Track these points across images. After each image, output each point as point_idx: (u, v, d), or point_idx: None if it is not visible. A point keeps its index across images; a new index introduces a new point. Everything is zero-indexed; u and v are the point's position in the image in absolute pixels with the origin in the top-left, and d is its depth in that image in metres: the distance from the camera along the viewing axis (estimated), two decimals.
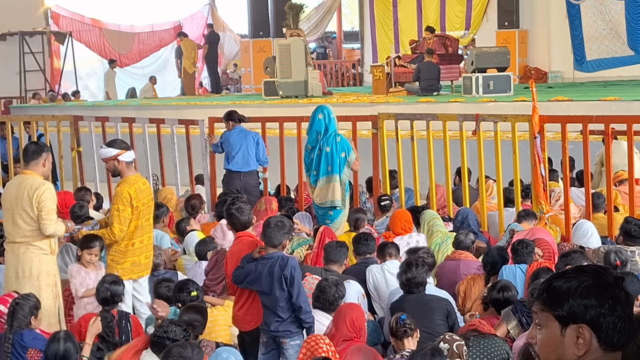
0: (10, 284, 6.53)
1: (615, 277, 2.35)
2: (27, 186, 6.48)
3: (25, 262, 6.50)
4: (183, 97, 22.57)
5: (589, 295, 2.30)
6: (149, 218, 7.14)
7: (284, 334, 5.78)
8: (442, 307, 6.23)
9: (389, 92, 17.81)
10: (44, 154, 6.66)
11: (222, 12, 31.33)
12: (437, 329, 5.95)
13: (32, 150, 6.65)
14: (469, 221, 8.77)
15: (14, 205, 6.49)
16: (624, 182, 9.58)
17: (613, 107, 12.79)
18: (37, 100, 23.46)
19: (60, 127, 12.39)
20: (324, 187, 9.14)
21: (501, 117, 9.67)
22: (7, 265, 6.60)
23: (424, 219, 8.62)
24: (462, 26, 24.24)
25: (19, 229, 6.49)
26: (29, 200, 6.44)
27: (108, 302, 6.13)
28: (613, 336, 2.30)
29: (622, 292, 2.33)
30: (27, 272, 6.50)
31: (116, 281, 6.26)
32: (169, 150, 11.50)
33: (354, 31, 32.16)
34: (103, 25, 28.80)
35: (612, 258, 6.67)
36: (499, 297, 6.16)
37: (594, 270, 2.37)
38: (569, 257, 6.59)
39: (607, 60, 20.94)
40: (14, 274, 6.52)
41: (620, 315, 2.30)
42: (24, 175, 6.60)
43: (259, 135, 10.85)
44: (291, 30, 19.40)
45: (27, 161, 6.64)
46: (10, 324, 5.70)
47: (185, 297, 6.35)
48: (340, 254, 7.13)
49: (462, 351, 5.05)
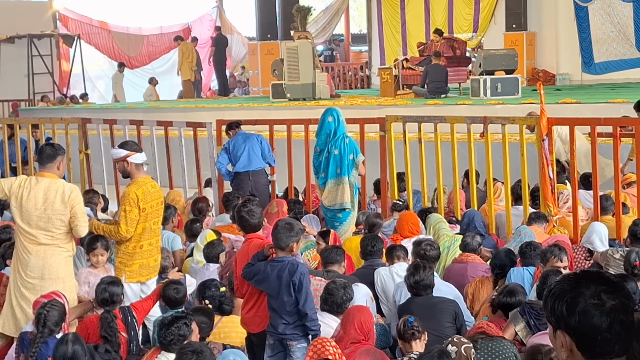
0: (32, 285, 6.48)
1: (598, 289, 2.29)
2: (58, 190, 6.47)
3: (53, 264, 6.49)
4: (191, 99, 22.55)
5: (561, 304, 2.32)
6: (158, 221, 7.12)
7: (291, 337, 5.77)
8: (450, 310, 6.22)
9: (396, 94, 17.82)
10: (59, 157, 6.66)
11: (230, 14, 31.38)
12: (445, 332, 5.95)
13: (48, 154, 6.64)
14: (475, 223, 8.75)
15: (44, 208, 6.44)
16: (632, 185, 9.56)
17: (621, 110, 12.77)
18: (46, 103, 23.51)
19: (68, 129, 12.42)
20: (332, 189, 9.14)
21: (509, 119, 9.66)
22: (30, 267, 6.50)
23: (430, 223, 8.61)
24: (470, 28, 24.22)
25: (47, 231, 6.46)
26: (62, 204, 6.44)
27: (107, 303, 6.13)
28: (593, 346, 2.29)
29: (609, 302, 2.28)
30: (54, 274, 6.49)
31: (114, 282, 6.26)
32: (176, 152, 11.52)
33: (362, 34, 32.18)
34: (111, 28, 28.86)
35: (633, 258, 6.66)
36: (506, 302, 6.15)
37: (578, 279, 2.34)
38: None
39: (615, 62, 20.90)
40: (38, 276, 6.47)
41: (598, 327, 2.27)
42: (46, 178, 6.55)
43: (261, 135, 10.92)
44: (299, 33, 19.42)
45: (43, 164, 6.63)
46: (42, 330, 5.68)
47: (214, 293, 6.42)
48: (336, 255, 7.15)
49: (470, 354, 5.04)
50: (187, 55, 23.48)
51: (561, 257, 6.67)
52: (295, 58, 17.82)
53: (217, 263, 7.77)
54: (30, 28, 25.37)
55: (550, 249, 6.79)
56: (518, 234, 8.15)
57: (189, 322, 5.34)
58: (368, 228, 8.65)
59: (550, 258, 6.66)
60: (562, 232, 8.65)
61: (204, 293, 6.54)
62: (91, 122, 12.58)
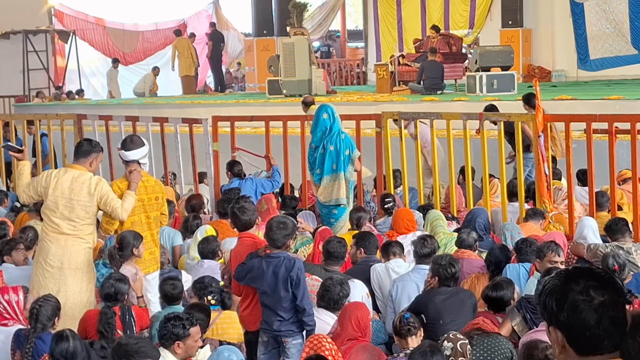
0: (51, 274, 6.58)
1: (587, 284, 2.29)
2: (85, 182, 6.63)
3: (73, 254, 6.61)
4: (187, 95, 22.52)
5: (552, 300, 2.33)
6: (150, 215, 7.18)
7: (286, 333, 5.77)
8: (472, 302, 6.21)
9: (392, 90, 17.82)
10: (94, 154, 6.81)
11: (226, 10, 31.32)
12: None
13: (85, 149, 6.80)
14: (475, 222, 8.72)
15: (70, 198, 6.59)
16: (627, 181, 9.57)
17: (617, 106, 12.78)
18: (41, 99, 23.46)
19: (63, 125, 12.40)
20: (328, 186, 9.14)
21: (505, 116, 9.67)
22: (50, 255, 6.61)
23: (428, 219, 8.61)
24: (466, 25, 24.22)
25: (70, 221, 6.61)
26: (88, 195, 6.59)
27: (110, 299, 6.14)
28: (583, 342, 2.29)
29: (597, 298, 2.28)
30: (74, 263, 6.61)
31: (122, 279, 6.28)
32: (172, 149, 11.50)
33: (358, 30, 32.15)
34: (107, 24, 28.80)
35: (610, 263, 6.66)
36: (491, 295, 6.15)
37: (569, 275, 2.35)
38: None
39: (610, 59, 20.92)
40: (57, 264, 6.59)
41: (586, 323, 2.27)
42: (74, 170, 6.71)
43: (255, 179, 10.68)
44: (295, 29, 19.40)
45: (77, 157, 6.79)
46: (34, 325, 5.70)
47: (215, 289, 6.47)
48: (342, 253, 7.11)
49: (466, 350, 5.05)
50: (183, 51, 23.45)
51: (558, 252, 6.68)
52: (292, 54, 17.82)
53: (212, 259, 7.76)
54: (25, 24, 25.30)
55: (547, 244, 6.80)
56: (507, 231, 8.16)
57: (187, 325, 5.26)
58: (355, 222, 8.63)
59: (547, 253, 6.67)
60: (558, 228, 8.66)
61: (204, 290, 6.54)
62: (87, 118, 12.56)
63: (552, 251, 6.68)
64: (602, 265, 6.70)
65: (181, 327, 5.25)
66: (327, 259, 7.05)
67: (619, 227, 7.59)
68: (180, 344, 5.24)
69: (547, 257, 6.65)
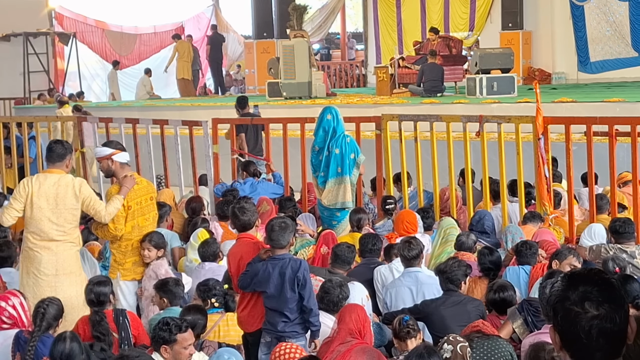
0: (46, 282, 6.55)
1: (585, 294, 2.26)
2: (68, 184, 6.58)
3: (66, 259, 6.60)
4: (187, 98, 22.52)
5: (549, 305, 2.33)
6: (149, 217, 7.16)
7: (290, 334, 5.77)
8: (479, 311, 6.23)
9: (392, 93, 17.82)
10: (68, 156, 6.77)
11: (226, 13, 31.33)
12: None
13: (59, 153, 6.72)
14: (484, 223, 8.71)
15: (56, 204, 6.53)
16: (627, 184, 9.56)
17: (617, 109, 12.78)
18: (42, 101, 23.47)
19: (64, 128, 12.40)
20: (333, 189, 9.13)
21: (505, 118, 9.67)
22: (43, 263, 6.56)
23: (441, 226, 8.53)
24: (466, 27, 24.23)
25: (59, 226, 6.56)
26: (74, 197, 6.56)
27: (94, 304, 6.09)
28: (573, 350, 2.29)
29: (591, 311, 2.24)
30: (68, 268, 6.60)
31: (101, 282, 6.21)
32: (172, 151, 11.50)
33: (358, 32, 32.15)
34: (106, 27, 28.79)
35: (611, 266, 6.65)
36: (495, 298, 6.16)
37: (571, 280, 2.32)
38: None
39: (610, 61, 20.92)
40: (52, 272, 6.56)
41: (576, 334, 2.26)
42: (55, 175, 6.63)
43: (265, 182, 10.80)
44: (295, 31, 19.41)
45: (53, 162, 6.71)
46: (39, 324, 5.69)
47: (218, 292, 6.46)
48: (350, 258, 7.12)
49: (466, 352, 5.05)
50: (183, 54, 23.45)
51: (579, 258, 6.78)
52: (292, 56, 17.81)
53: (213, 261, 7.75)
54: (26, 26, 25.32)
55: (568, 249, 6.94)
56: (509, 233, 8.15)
57: (174, 330, 5.21)
58: (355, 224, 8.63)
59: (569, 256, 6.70)
60: (558, 231, 8.65)
61: (208, 292, 6.52)
62: (87, 121, 12.56)
63: (573, 255, 6.71)
64: (603, 268, 6.69)
65: (167, 332, 5.21)
66: (334, 262, 7.07)
67: (625, 231, 7.57)
68: (167, 349, 5.21)
69: (567, 260, 6.66)
